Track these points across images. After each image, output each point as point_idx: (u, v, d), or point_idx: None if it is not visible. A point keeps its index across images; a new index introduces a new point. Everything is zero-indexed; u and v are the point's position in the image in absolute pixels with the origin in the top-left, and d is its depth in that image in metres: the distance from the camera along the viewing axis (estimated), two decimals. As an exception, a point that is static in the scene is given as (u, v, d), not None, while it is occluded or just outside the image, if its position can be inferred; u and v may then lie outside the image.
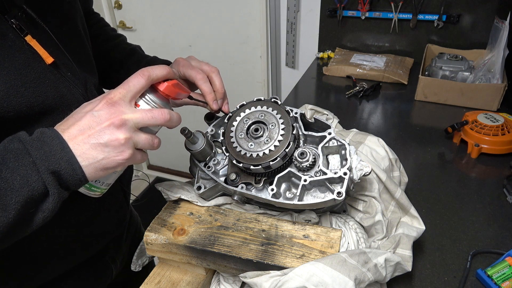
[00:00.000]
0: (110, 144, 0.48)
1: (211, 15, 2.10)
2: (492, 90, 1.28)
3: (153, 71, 0.52)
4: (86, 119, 0.48)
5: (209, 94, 0.70)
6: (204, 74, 0.71)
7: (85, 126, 0.48)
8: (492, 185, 0.99)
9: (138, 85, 0.51)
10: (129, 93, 0.50)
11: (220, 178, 0.69)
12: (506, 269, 0.72)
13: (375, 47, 1.78)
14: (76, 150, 0.47)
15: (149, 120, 0.51)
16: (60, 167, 0.46)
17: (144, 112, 0.51)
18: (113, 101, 0.49)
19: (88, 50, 0.75)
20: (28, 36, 0.57)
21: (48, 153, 0.46)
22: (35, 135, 0.48)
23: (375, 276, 0.60)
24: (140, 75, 0.51)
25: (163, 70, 0.53)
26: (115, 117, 0.48)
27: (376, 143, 0.83)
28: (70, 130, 0.48)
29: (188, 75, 0.72)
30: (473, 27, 1.56)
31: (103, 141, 0.48)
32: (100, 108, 0.49)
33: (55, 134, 0.47)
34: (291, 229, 0.67)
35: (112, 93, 0.50)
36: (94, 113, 0.48)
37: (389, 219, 0.74)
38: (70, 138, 0.47)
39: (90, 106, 0.50)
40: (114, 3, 2.29)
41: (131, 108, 0.50)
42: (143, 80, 0.51)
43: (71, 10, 0.70)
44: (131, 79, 0.51)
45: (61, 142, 0.47)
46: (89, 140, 0.47)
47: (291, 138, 0.62)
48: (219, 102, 0.71)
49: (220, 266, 0.67)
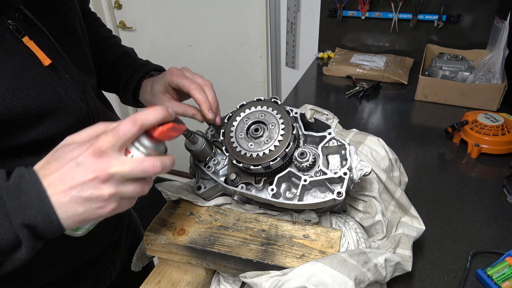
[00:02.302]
0: (93, 199, 0.44)
1: (211, 15, 2.10)
2: (492, 90, 1.28)
3: (146, 119, 0.46)
4: (70, 168, 0.44)
5: (204, 103, 0.69)
6: (198, 85, 0.70)
7: (68, 176, 0.44)
8: (492, 185, 0.99)
9: (129, 133, 0.45)
10: (119, 142, 0.45)
11: (220, 178, 0.69)
12: (506, 269, 0.72)
13: (375, 47, 1.78)
14: (56, 201, 0.43)
15: (138, 173, 0.46)
16: (36, 220, 0.43)
17: (134, 164, 0.46)
18: (101, 150, 0.44)
19: (87, 52, 0.74)
20: (26, 38, 0.56)
21: (24, 204, 0.42)
22: (13, 181, 0.43)
23: (375, 276, 0.60)
24: (132, 123, 0.45)
25: (157, 115, 0.47)
26: (101, 171, 0.44)
27: (376, 143, 0.83)
28: (51, 177, 0.44)
29: (182, 85, 0.71)
30: (473, 27, 1.56)
31: (85, 195, 0.44)
32: (87, 157, 0.44)
33: (34, 181, 0.43)
34: (291, 229, 0.67)
35: (101, 140, 0.44)
36: (79, 161, 0.44)
37: (389, 219, 0.74)
38: (50, 186, 0.44)
39: (76, 151, 0.45)
40: (114, 3, 2.29)
41: (120, 159, 0.45)
42: (135, 129, 0.45)
43: (69, 11, 0.69)
44: (122, 126, 0.45)
45: (39, 192, 0.43)
46: (70, 192, 0.43)
47: (291, 138, 0.62)
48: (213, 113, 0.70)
49: (220, 266, 0.67)
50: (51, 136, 0.61)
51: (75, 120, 0.64)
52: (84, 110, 0.66)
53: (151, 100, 0.79)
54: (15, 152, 0.59)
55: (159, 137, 0.49)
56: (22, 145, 0.59)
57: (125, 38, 2.40)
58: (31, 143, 0.59)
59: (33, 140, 0.59)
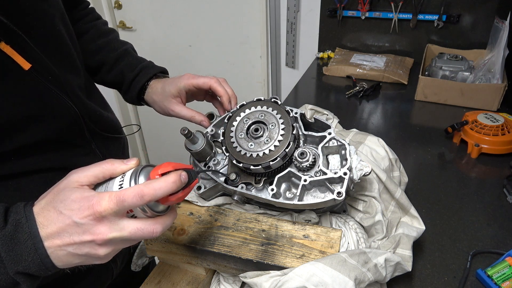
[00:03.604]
0: (89, 256, 0.45)
1: (211, 15, 2.10)
2: (492, 90, 1.28)
3: (155, 195, 0.43)
4: (69, 226, 0.43)
5: (225, 94, 0.75)
6: (217, 79, 0.76)
7: (66, 234, 0.43)
8: (492, 185, 0.99)
9: (133, 204, 0.43)
10: (122, 210, 0.43)
11: (220, 178, 0.69)
12: (506, 269, 0.72)
13: (375, 47, 1.78)
14: (52, 253, 0.44)
15: (137, 237, 0.45)
16: (31, 269, 0.43)
17: (134, 231, 0.44)
18: (101, 216, 0.42)
19: (70, 50, 0.72)
20: (2, 43, 0.54)
21: (19, 256, 0.42)
22: (9, 229, 0.43)
23: (375, 276, 0.60)
24: (139, 197, 0.42)
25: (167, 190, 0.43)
26: (99, 236, 0.43)
27: (376, 143, 0.83)
28: (48, 230, 0.43)
29: (202, 83, 0.77)
30: (473, 27, 1.56)
31: (81, 253, 0.44)
32: (86, 219, 0.42)
33: (31, 231, 0.43)
34: (291, 229, 0.67)
35: (103, 206, 0.42)
36: (78, 222, 0.42)
37: (389, 219, 0.74)
38: (47, 238, 0.43)
39: (77, 208, 0.42)
40: (114, 3, 2.29)
41: (120, 225, 0.44)
42: (140, 203, 0.43)
43: (48, 9, 0.66)
44: (128, 197, 0.42)
45: (35, 243, 0.43)
46: (66, 248, 0.43)
47: (291, 138, 0.62)
48: (233, 104, 0.76)
49: (220, 266, 0.67)
50: (39, 140, 0.61)
51: (63, 123, 0.64)
52: (72, 111, 0.65)
53: (159, 100, 0.82)
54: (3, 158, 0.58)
55: (165, 204, 0.46)
56: (7, 152, 0.58)
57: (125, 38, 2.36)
58: (19, 149, 0.59)
59: (21, 146, 0.58)
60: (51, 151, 0.64)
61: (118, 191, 0.43)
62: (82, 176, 0.45)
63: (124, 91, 0.89)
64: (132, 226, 0.44)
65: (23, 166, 0.61)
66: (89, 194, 0.43)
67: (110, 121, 0.81)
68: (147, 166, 0.48)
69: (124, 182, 0.46)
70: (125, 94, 0.89)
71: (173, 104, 0.79)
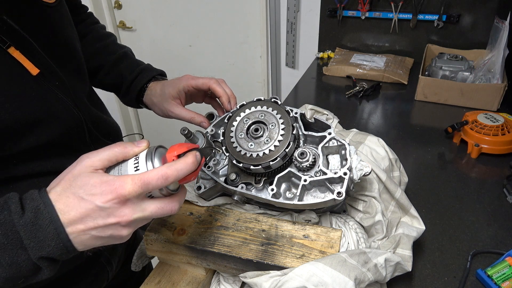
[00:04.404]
0: (112, 237, 0.46)
1: (211, 15, 2.10)
2: (492, 90, 1.28)
3: (178, 176, 0.45)
4: (92, 211, 0.43)
5: (224, 94, 0.76)
6: (216, 80, 0.77)
7: (89, 218, 0.43)
8: (492, 185, 0.99)
9: (157, 186, 0.44)
10: (145, 192, 0.44)
11: (220, 178, 0.69)
12: (506, 269, 0.72)
13: (375, 47, 1.78)
14: (74, 238, 0.44)
15: (158, 215, 0.47)
16: (54, 254, 0.44)
17: (155, 210, 0.46)
18: (126, 199, 0.43)
19: (77, 56, 0.73)
20: (11, 48, 0.55)
21: (42, 242, 0.43)
22: (28, 216, 0.43)
23: (375, 276, 0.60)
24: (163, 179, 0.44)
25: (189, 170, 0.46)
26: (124, 218, 0.44)
27: (376, 143, 0.83)
28: (70, 216, 0.43)
29: (201, 83, 0.77)
30: (473, 27, 1.56)
31: (105, 235, 0.45)
32: (110, 203, 0.43)
33: (52, 217, 0.43)
34: (291, 229, 0.67)
35: (127, 188, 0.43)
36: (102, 206, 0.43)
37: (389, 219, 0.74)
38: (70, 224, 0.43)
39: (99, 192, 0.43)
40: (114, 3, 2.29)
41: (142, 206, 0.45)
42: (164, 184, 0.45)
43: (55, 15, 0.67)
44: (152, 179, 0.44)
45: (57, 228, 0.43)
46: (90, 232, 0.44)
47: (291, 138, 0.62)
48: (232, 104, 0.77)
49: (220, 266, 0.67)
50: (43, 144, 0.61)
51: (67, 128, 0.64)
52: (76, 116, 0.66)
53: (158, 102, 0.82)
54: (6, 162, 0.58)
55: (182, 182, 0.49)
56: (11, 155, 0.58)
57: (125, 38, 2.40)
58: (22, 152, 0.59)
59: (24, 149, 0.59)
60: (52, 155, 0.64)
61: (142, 174, 0.44)
62: (96, 160, 0.45)
63: (122, 93, 0.89)
64: (153, 206, 0.46)
65: (25, 170, 0.61)
66: (108, 179, 0.44)
67: (110, 125, 0.81)
68: (158, 148, 0.49)
69: (140, 164, 0.47)
70: (124, 96, 0.89)
71: (172, 106, 0.80)
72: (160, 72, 0.89)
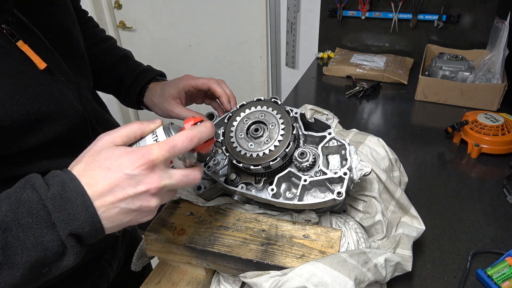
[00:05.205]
0: (141, 210, 0.45)
1: (211, 15, 2.10)
2: (492, 90, 1.28)
3: (202, 137, 0.47)
4: (121, 180, 0.42)
5: (224, 95, 0.76)
6: (216, 80, 0.77)
7: (118, 188, 0.42)
8: (492, 185, 0.99)
9: (183, 150, 0.45)
10: (172, 156, 0.45)
11: (220, 178, 0.69)
12: (506, 269, 0.72)
13: (375, 47, 1.78)
14: (103, 213, 0.43)
15: (183, 185, 0.47)
16: (84, 230, 0.42)
17: (181, 177, 0.47)
18: (154, 164, 0.43)
19: (82, 53, 0.74)
20: (20, 42, 0.55)
21: (71, 215, 0.41)
22: (55, 189, 0.41)
23: (375, 276, 0.60)
24: (189, 140, 0.45)
25: (211, 133, 0.48)
26: (152, 184, 0.43)
27: (376, 143, 0.83)
28: (99, 188, 0.42)
29: (201, 83, 0.78)
30: (473, 27, 1.56)
31: (134, 207, 0.44)
32: (139, 170, 0.42)
33: (78, 190, 0.41)
34: (291, 229, 0.67)
35: (154, 153, 0.43)
36: (131, 173, 0.42)
37: (389, 219, 0.74)
38: (98, 197, 0.42)
39: (127, 161, 0.42)
40: (114, 3, 2.29)
41: (169, 172, 0.46)
42: (190, 146, 0.46)
43: (62, 12, 0.68)
44: (179, 143, 0.45)
45: (85, 202, 0.41)
46: (119, 204, 0.43)
47: (291, 138, 0.62)
48: (232, 105, 0.77)
49: (220, 266, 0.67)
50: (49, 141, 0.61)
51: (72, 124, 0.64)
52: (81, 112, 0.66)
53: (159, 102, 0.82)
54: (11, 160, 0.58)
55: (202, 151, 0.50)
56: (18, 153, 0.58)
57: (125, 38, 2.40)
58: (28, 150, 0.59)
59: (31, 146, 0.59)
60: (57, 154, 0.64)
61: (167, 139, 0.45)
62: (116, 137, 0.45)
63: (123, 95, 0.89)
64: (178, 173, 0.46)
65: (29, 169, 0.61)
66: (132, 149, 0.44)
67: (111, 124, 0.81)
68: (173, 124, 0.50)
69: (159, 137, 0.48)
70: (124, 98, 0.90)
71: (173, 105, 0.80)
72: (160, 73, 0.89)
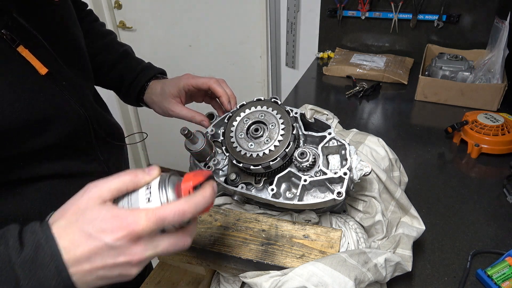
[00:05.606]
0: (120, 276, 0.41)
1: (211, 15, 2.10)
2: (492, 90, 1.28)
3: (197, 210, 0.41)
4: (101, 249, 0.39)
5: (224, 94, 0.75)
6: (216, 80, 0.77)
7: (97, 256, 0.39)
8: (492, 185, 0.99)
9: (173, 222, 0.41)
10: (159, 228, 0.41)
11: (220, 178, 0.69)
12: (506, 269, 0.72)
13: (375, 47, 1.78)
14: (78, 279, 0.39)
15: (170, 252, 0.43)
16: None
17: (168, 246, 0.42)
18: (138, 236, 0.39)
19: (83, 54, 0.73)
20: (20, 47, 0.54)
21: (43, 281, 0.38)
22: (28, 252, 0.38)
23: (375, 276, 0.60)
24: (181, 214, 0.40)
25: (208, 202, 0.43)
26: (135, 256, 0.40)
27: (376, 143, 0.83)
28: (76, 254, 0.39)
29: (201, 83, 0.77)
30: (473, 27, 1.56)
31: (112, 275, 0.41)
32: (122, 241, 0.39)
33: (54, 253, 0.38)
34: (291, 229, 0.67)
35: (140, 223, 0.39)
36: (113, 245, 0.39)
37: (389, 219, 0.74)
38: (74, 264, 0.39)
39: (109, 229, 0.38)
40: (114, 3, 2.29)
41: (155, 242, 0.41)
42: (181, 220, 0.41)
43: (61, 13, 0.67)
44: (168, 215, 0.40)
45: (58, 266, 0.38)
46: (97, 272, 0.40)
47: (291, 138, 0.62)
48: (232, 105, 0.76)
49: (220, 266, 0.67)
50: (51, 145, 0.61)
51: (73, 127, 0.64)
52: (82, 116, 0.66)
53: (159, 101, 0.82)
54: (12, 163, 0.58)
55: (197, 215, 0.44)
56: (19, 156, 0.58)
57: (125, 38, 2.40)
58: (29, 154, 0.59)
59: (32, 150, 0.58)
60: (58, 157, 0.64)
61: (157, 209, 0.40)
62: (104, 191, 0.41)
63: (123, 92, 0.89)
64: (166, 242, 0.42)
65: (30, 173, 0.61)
66: (119, 212, 0.40)
67: (113, 126, 0.81)
68: (171, 176, 0.45)
69: (152, 195, 0.43)
70: (125, 95, 0.89)
71: (173, 104, 0.80)
72: (160, 71, 0.89)
